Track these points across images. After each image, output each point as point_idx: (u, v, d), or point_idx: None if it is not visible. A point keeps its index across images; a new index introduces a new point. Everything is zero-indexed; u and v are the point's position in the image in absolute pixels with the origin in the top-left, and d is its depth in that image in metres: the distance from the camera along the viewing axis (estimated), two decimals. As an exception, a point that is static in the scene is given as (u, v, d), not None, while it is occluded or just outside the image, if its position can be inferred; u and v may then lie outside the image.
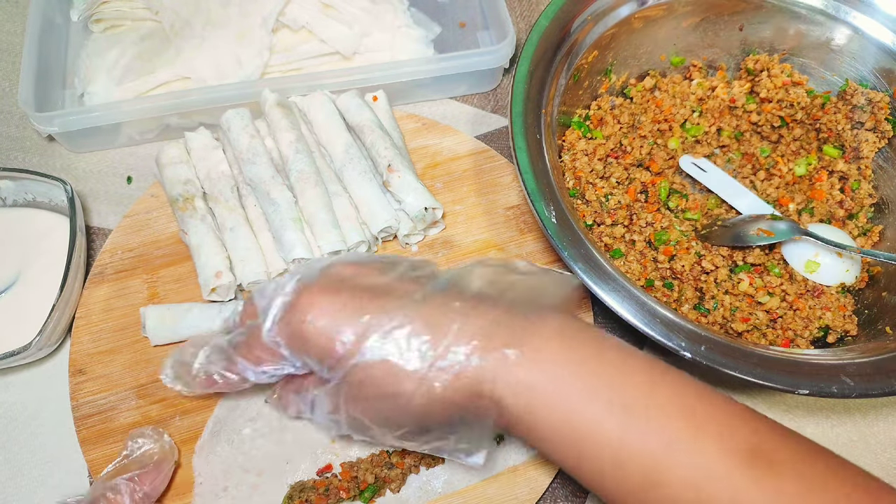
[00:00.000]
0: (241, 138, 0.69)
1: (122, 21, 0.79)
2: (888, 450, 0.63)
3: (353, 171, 0.68)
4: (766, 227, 0.64)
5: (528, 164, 0.59)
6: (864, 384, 0.51)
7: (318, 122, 0.71)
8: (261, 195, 0.67)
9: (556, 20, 0.66)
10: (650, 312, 0.52)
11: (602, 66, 0.72)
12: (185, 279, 0.68)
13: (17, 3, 0.89)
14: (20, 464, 0.62)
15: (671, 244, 0.65)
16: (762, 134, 0.73)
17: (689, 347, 0.51)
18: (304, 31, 0.78)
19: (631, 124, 0.72)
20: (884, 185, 0.69)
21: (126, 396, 0.62)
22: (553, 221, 0.56)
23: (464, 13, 0.87)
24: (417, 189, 0.66)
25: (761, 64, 0.73)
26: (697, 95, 0.73)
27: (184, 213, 0.66)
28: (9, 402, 0.65)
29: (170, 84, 0.76)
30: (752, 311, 0.62)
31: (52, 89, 0.77)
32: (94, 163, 0.77)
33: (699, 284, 0.64)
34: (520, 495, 0.58)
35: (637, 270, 0.64)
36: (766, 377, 0.50)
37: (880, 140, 0.69)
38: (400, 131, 0.74)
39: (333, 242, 0.64)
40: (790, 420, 0.64)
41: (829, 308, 0.63)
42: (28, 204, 0.69)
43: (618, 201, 0.67)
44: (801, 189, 0.70)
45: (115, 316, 0.66)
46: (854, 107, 0.70)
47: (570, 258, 0.54)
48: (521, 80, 0.63)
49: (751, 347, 0.53)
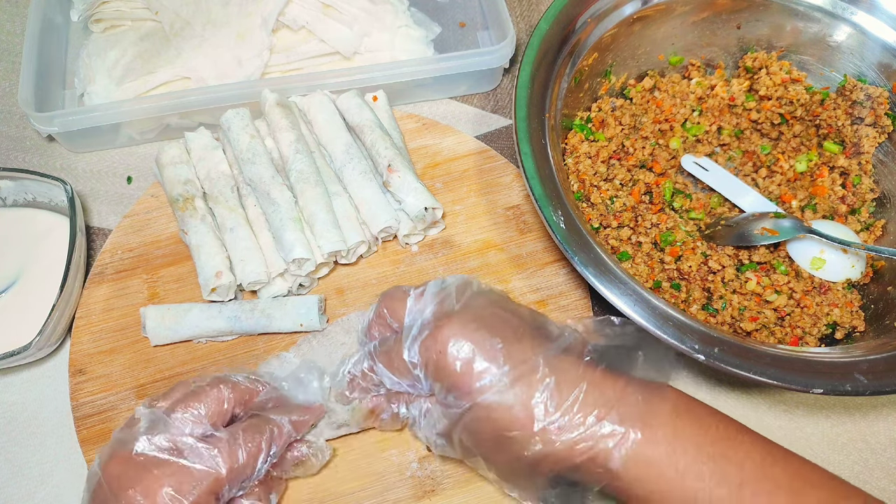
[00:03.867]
0: (241, 138, 0.69)
1: (122, 21, 0.79)
2: (888, 450, 0.63)
3: (353, 171, 0.68)
4: (771, 226, 0.64)
5: (534, 169, 0.59)
6: (877, 381, 0.51)
7: (318, 122, 0.71)
8: (261, 195, 0.67)
9: (557, 23, 0.66)
10: (662, 315, 0.52)
11: (601, 67, 0.72)
12: (185, 279, 0.68)
13: (17, 3, 0.89)
14: (20, 464, 0.62)
15: (677, 245, 0.65)
16: (762, 131, 0.73)
17: (702, 350, 0.51)
18: (304, 31, 0.78)
19: (632, 125, 0.72)
20: (885, 180, 0.69)
21: (126, 396, 0.62)
22: (562, 226, 0.56)
23: (464, 13, 0.87)
24: (417, 189, 0.66)
25: (760, 62, 0.73)
26: (697, 94, 0.73)
27: (184, 213, 0.66)
28: (9, 402, 0.65)
29: (170, 84, 0.76)
30: (760, 309, 0.62)
31: (52, 89, 0.77)
32: (94, 163, 0.77)
33: (707, 284, 0.64)
34: (521, 495, 0.58)
35: (645, 272, 0.64)
36: (780, 377, 0.50)
37: (880, 135, 0.69)
38: (400, 131, 0.74)
39: (333, 242, 0.64)
40: (790, 420, 0.64)
41: (836, 304, 0.63)
42: (28, 204, 0.69)
43: (622, 203, 0.67)
44: (802, 185, 0.70)
45: (115, 316, 0.66)
46: (853, 102, 0.70)
47: (581, 263, 0.54)
48: (524, 85, 0.63)
49: (763, 348, 0.53)
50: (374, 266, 0.69)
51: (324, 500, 0.58)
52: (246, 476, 0.49)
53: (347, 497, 0.59)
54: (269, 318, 0.63)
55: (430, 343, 0.47)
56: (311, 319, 0.63)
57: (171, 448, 0.47)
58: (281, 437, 0.51)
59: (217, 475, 0.47)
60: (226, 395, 0.51)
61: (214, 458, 0.47)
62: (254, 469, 0.49)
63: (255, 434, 0.50)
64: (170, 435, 0.48)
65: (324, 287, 0.68)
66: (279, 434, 0.51)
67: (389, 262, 0.69)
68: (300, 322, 0.63)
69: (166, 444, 0.47)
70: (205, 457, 0.47)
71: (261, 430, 0.50)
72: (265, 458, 0.50)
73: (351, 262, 0.68)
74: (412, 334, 0.48)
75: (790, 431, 0.64)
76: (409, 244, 0.70)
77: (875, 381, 0.51)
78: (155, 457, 0.47)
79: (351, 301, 0.67)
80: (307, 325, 0.63)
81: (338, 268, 0.69)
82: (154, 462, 0.46)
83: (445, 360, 0.46)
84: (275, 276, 0.65)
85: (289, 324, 0.63)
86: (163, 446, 0.47)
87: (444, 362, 0.46)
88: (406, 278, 0.68)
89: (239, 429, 0.50)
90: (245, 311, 0.63)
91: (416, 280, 0.68)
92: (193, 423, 0.49)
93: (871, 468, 0.62)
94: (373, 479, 0.59)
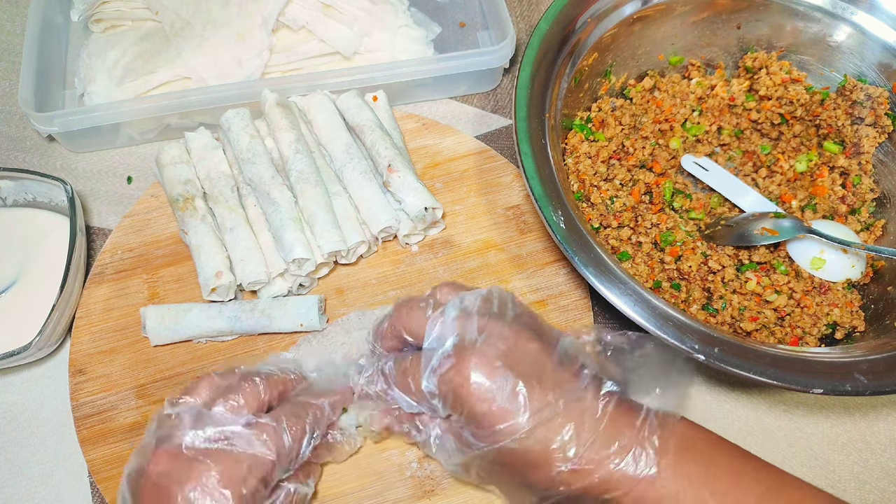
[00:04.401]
0: (241, 138, 0.69)
1: (122, 21, 0.79)
2: (888, 449, 0.63)
3: (353, 171, 0.68)
4: (771, 226, 0.64)
5: (534, 169, 0.59)
6: (877, 381, 0.51)
7: (318, 122, 0.71)
8: (261, 195, 0.67)
9: (557, 23, 0.66)
10: (662, 315, 0.52)
11: (601, 67, 0.72)
12: (185, 279, 0.68)
13: (17, 3, 0.89)
14: (20, 464, 0.62)
15: (677, 245, 0.65)
16: (762, 131, 0.73)
17: (702, 350, 0.51)
18: (304, 31, 0.78)
19: (632, 125, 0.72)
20: (885, 180, 0.70)
21: (126, 396, 0.62)
22: (562, 226, 0.56)
23: (464, 13, 0.87)
24: (417, 189, 0.66)
25: (759, 62, 0.73)
26: (697, 94, 0.73)
27: (184, 213, 0.66)
28: (9, 402, 0.65)
29: (170, 84, 0.76)
30: (760, 309, 0.62)
31: (52, 89, 0.77)
32: (94, 163, 0.77)
33: (707, 284, 0.64)
34: (521, 495, 0.58)
35: (645, 272, 0.64)
36: (780, 377, 0.50)
37: (880, 135, 0.69)
38: (400, 131, 0.74)
39: (333, 242, 0.64)
40: (790, 420, 0.64)
41: (836, 304, 0.63)
42: (28, 204, 0.69)
43: (623, 203, 0.67)
44: (802, 185, 0.70)
45: (115, 316, 0.66)
46: (853, 102, 0.70)
47: (581, 263, 0.54)
48: (524, 86, 0.63)
49: (763, 348, 0.53)
50: (374, 266, 0.69)
51: (324, 500, 0.58)
52: (293, 459, 0.50)
53: (347, 497, 0.59)
54: (269, 318, 0.63)
55: (450, 376, 0.47)
56: (311, 319, 0.63)
57: (220, 438, 0.47)
58: (323, 419, 0.52)
59: (267, 460, 0.47)
60: (262, 387, 0.51)
61: (265, 444, 0.47)
62: (299, 452, 0.50)
63: (298, 417, 0.50)
64: (217, 426, 0.48)
65: (324, 287, 0.68)
66: (321, 416, 0.52)
67: (389, 262, 0.69)
68: (300, 322, 0.63)
69: (215, 435, 0.47)
70: (254, 443, 0.47)
71: (303, 414, 0.51)
72: (309, 441, 0.51)
73: (351, 262, 0.68)
74: (432, 365, 0.48)
75: (790, 431, 0.64)
76: (409, 244, 0.70)
77: (875, 381, 0.51)
78: (204, 448, 0.47)
79: (351, 301, 0.67)
80: (307, 325, 0.63)
81: (338, 268, 0.69)
82: (204, 453, 0.46)
83: (466, 397, 0.46)
84: (275, 276, 0.65)
85: (289, 324, 0.63)
86: (212, 437, 0.47)
87: (465, 399, 0.46)
88: (406, 278, 0.68)
89: (282, 414, 0.50)
90: (245, 311, 0.63)
91: (417, 280, 0.68)
92: (236, 415, 0.49)
93: (871, 468, 0.62)
94: (373, 479, 0.59)
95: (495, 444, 0.46)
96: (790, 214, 0.67)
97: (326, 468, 0.59)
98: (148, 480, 0.46)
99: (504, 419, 0.45)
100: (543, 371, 0.47)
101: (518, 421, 0.45)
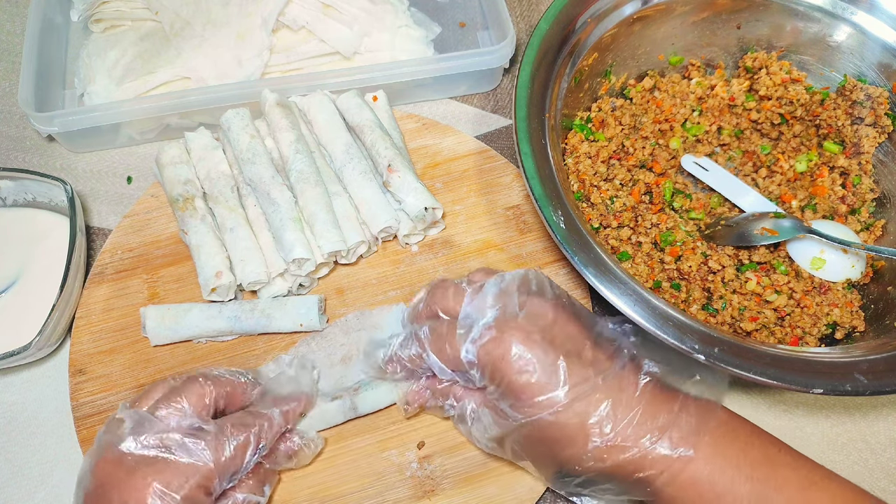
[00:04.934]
0: (241, 138, 0.69)
1: (122, 21, 0.80)
2: (888, 449, 0.63)
3: (353, 171, 0.68)
4: (770, 226, 0.64)
5: (534, 169, 0.59)
6: (877, 381, 0.51)
7: (318, 122, 0.71)
8: (261, 195, 0.67)
9: (557, 23, 0.66)
10: (662, 315, 0.52)
11: (601, 67, 0.72)
12: (185, 279, 0.68)
13: (17, 3, 0.89)
14: (20, 464, 0.62)
15: (677, 245, 0.65)
16: (762, 131, 0.73)
17: (702, 350, 0.51)
18: (304, 31, 0.78)
19: (632, 125, 0.72)
20: (885, 180, 0.69)
21: (126, 396, 0.62)
22: (562, 226, 0.56)
23: (464, 13, 0.87)
24: (417, 189, 0.66)
25: (759, 62, 0.73)
26: (697, 94, 0.73)
27: (184, 213, 0.66)
28: (9, 402, 0.65)
29: (170, 84, 0.76)
30: (760, 309, 0.62)
31: (52, 89, 0.77)
32: (94, 163, 0.77)
33: (706, 284, 0.64)
34: (520, 495, 0.58)
35: (645, 272, 0.64)
36: (780, 377, 0.50)
37: (880, 135, 0.69)
38: (400, 131, 0.74)
39: (333, 242, 0.64)
40: (790, 420, 0.64)
41: (836, 304, 0.63)
42: (28, 204, 0.69)
43: (623, 203, 0.67)
44: (802, 185, 0.70)
45: (115, 316, 0.66)
46: (853, 102, 0.70)
47: (581, 263, 0.54)
48: (524, 85, 0.63)
49: (763, 348, 0.53)
50: (374, 266, 0.69)
51: (324, 500, 0.58)
52: (236, 468, 0.49)
53: (347, 497, 0.59)
54: (269, 318, 0.63)
55: (491, 347, 0.47)
56: (311, 319, 0.63)
57: (158, 445, 0.47)
58: (271, 429, 0.52)
59: (205, 468, 0.47)
60: (207, 389, 0.51)
61: (202, 452, 0.47)
62: (243, 461, 0.50)
63: (243, 426, 0.50)
64: (156, 432, 0.48)
65: (324, 287, 0.68)
66: (269, 426, 0.51)
67: (389, 262, 0.69)
68: (300, 322, 0.63)
69: (154, 442, 0.47)
70: (192, 451, 0.47)
71: (249, 423, 0.51)
72: (254, 451, 0.50)
73: (351, 262, 0.68)
74: (472, 336, 0.48)
75: (790, 431, 0.64)
76: (409, 244, 0.70)
77: (875, 381, 0.51)
78: (143, 455, 0.47)
79: (351, 301, 0.67)
80: (307, 325, 0.63)
81: (338, 268, 0.69)
82: (143, 460, 0.47)
83: (506, 369, 0.47)
84: (275, 276, 0.65)
85: (289, 324, 0.64)
86: (150, 444, 0.47)
87: (504, 370, 0.47)
88: (406, 278, 0.68)
89: (227, 422, 0.50)
90: (245, 311, 0.63)
91: (417, 280, 0.68)
92: (179, 418, 0.49)
93: (871, 468, 0.62)
94: (373, 479, 0.59)
95: (532, 416, 0.46)
96: (790, 214, 0.67)
97: (328, 469, 0.59)
98: (91, 484, 0.47)
99: (543, 392, 0.46)
100: (583, 348, 0.48)
101: (557, 394, 0.45)
